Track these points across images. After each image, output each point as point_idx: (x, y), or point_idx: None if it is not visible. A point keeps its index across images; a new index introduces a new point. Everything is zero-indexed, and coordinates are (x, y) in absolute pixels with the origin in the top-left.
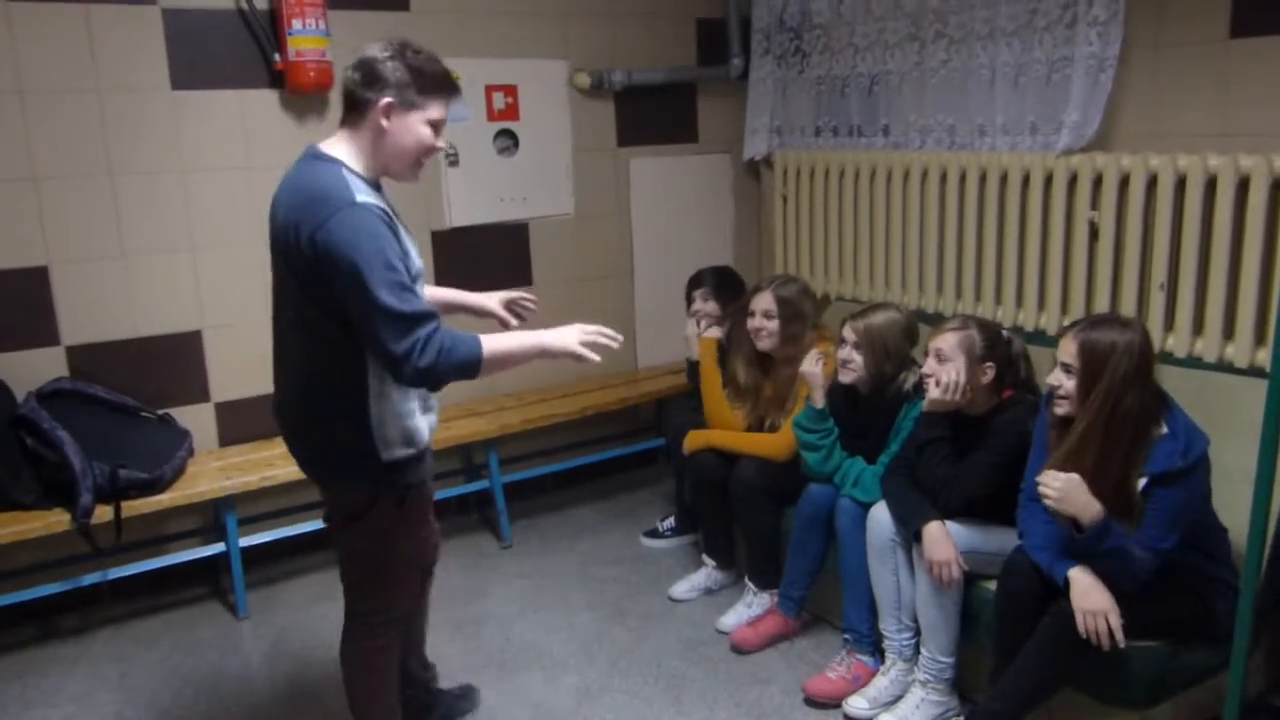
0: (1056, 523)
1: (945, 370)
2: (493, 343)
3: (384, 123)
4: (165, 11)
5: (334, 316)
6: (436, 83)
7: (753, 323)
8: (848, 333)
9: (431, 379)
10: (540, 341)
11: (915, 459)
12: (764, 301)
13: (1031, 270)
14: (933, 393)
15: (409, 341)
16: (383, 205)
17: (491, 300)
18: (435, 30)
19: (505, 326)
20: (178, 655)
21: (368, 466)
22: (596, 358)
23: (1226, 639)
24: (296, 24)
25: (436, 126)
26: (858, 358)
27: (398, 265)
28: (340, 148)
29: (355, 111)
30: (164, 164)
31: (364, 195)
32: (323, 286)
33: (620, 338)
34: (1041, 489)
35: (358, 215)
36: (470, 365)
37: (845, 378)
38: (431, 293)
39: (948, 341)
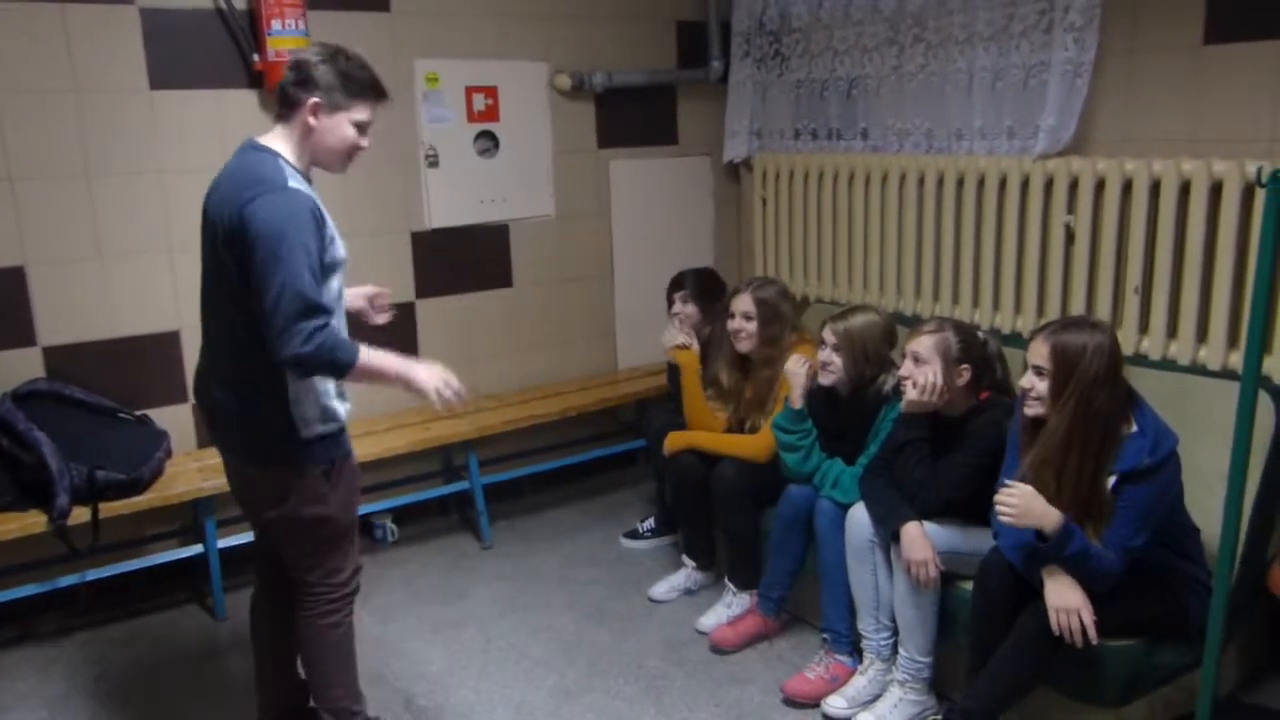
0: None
1: (922, 372)
2: (368, 355)
3: (312, 121)
4: (143, 11)
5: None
6: (362, 87)
7: (732, 324)
8: (827, 335)
9: (303, 365)
10: (408, 373)
11: (893, 460)
12: (743, 303)
13: (1008, 273)
14: (910, 395)
15: (300, 325)
16: (313, 196)
17: (357, 298)
18: (415, 31)
19: (369, 323)
20: (155, 657)
21: (288, 443)
22: (439, 406)
23: (1199, 637)
24: (276, 24)
25: (362, 128)
26: (837, 360)
27: (314, 252)
28: (276, 141)
29: (288, 108)
30: (142, 164)
31: (296, 183)
32: (248, 260)
33: (465, 401)
34: (998, 509)
35: (287, 197)
36: (341, 366)
37: (825, 380)
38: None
39: (924, 344)
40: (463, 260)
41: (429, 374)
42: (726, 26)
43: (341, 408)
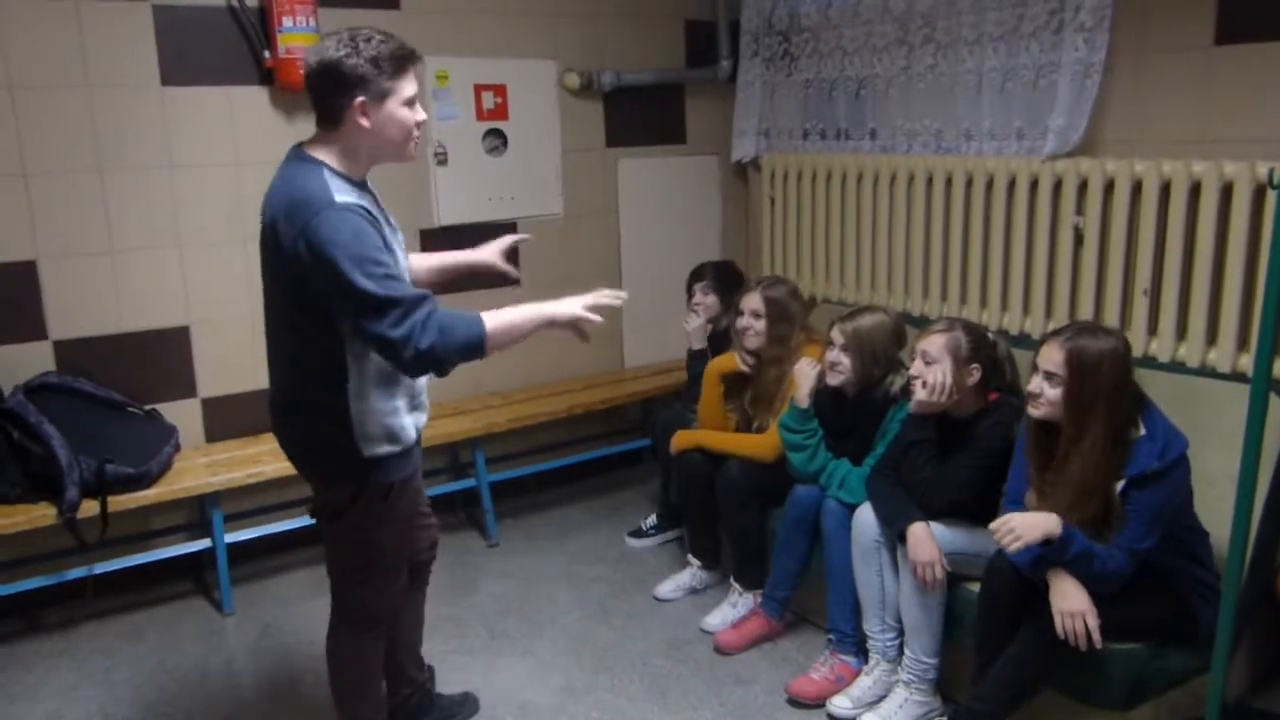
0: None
1: (931, 372)
2: (494, 318)
3: (365, 122)
4: (155, 8)
5: (313, 316)
6: (397, 62)
7: (741, 322)
8: (835, 335)
9: (435, 361)
10: (543, 312)
11: (900, 461)
12: (752, 301)
13: (1017, 274)
14: (919, 394)
15: (406, 326)
16: (364, 204)
17: (488, 253)
18: (425, 29)
19: (508, 280)
20: (162, 650)
21: (349, 463)
22: (599, 319)
23: (1207, 641)
24: (287, 21)
25: (412, 102)
26: (845, 360)
27: (382, 259)
28: (321, 149)
29: (330, 118)
30: (153, 160)
31: (343, 195)
32: (307, 288)
33: (625, 295)
34: (999, 539)
35: (337, 215)
36: (475, 343)
37: (833, 380)
38: (424, 260)
39: (934, 343)
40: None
41: (567, 304)
42: (735, 26)
43: (411, 421)
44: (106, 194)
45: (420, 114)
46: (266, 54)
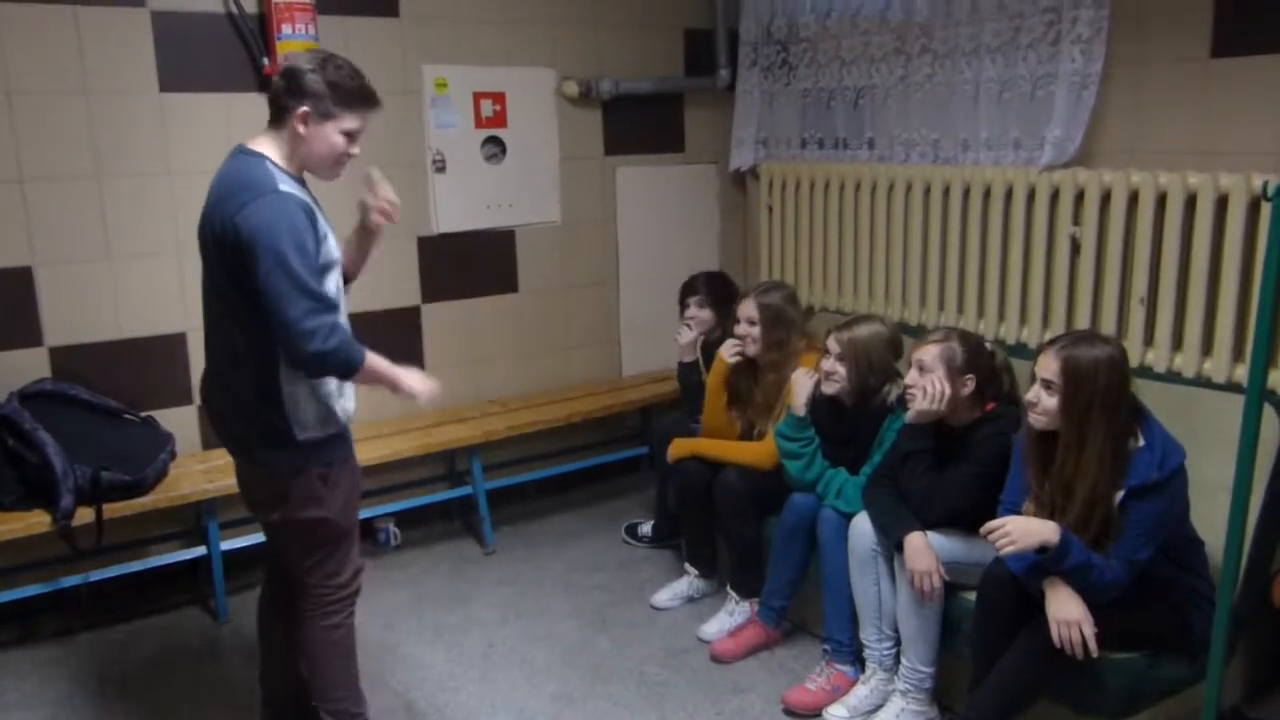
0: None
1: (927, 380)
2: (372, 358)
3: (301, 129)
4: (155, 14)
5: (249, 299)
6: (351, 97)
7: (738, 329)
8: (832, 344)
9: (326, 363)
10: (396, 375)
11: (897, 470)
12: (747, 309)
13: (1014, 284)
14: (918, 404)
15: (317, 322)
16: (303, 197)
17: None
18: (424, 37)
19: (387, 217)
20: (158, 659)
21: (285, 446)
22: (421, 402)
23: (1203, 650)
24: (286, 29)
25: (351, 135)
26: (841, 369)
27: (312, 251)
28: (266, 145)
29: (277, 116)
30: (151, 166)
31: (286, 185)
32: (241, 268)
33: (435, 402)
34: (993, 540)
35: (278, 200)
36: (354, 365)
37: (829, 389)
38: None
39: (929, 353)
40: (469, 265)
41: (417, 379)
42: (734, 35)
43: (344, 410)
44: (104, 200)
45: (355, 149)
46: (265, 61)
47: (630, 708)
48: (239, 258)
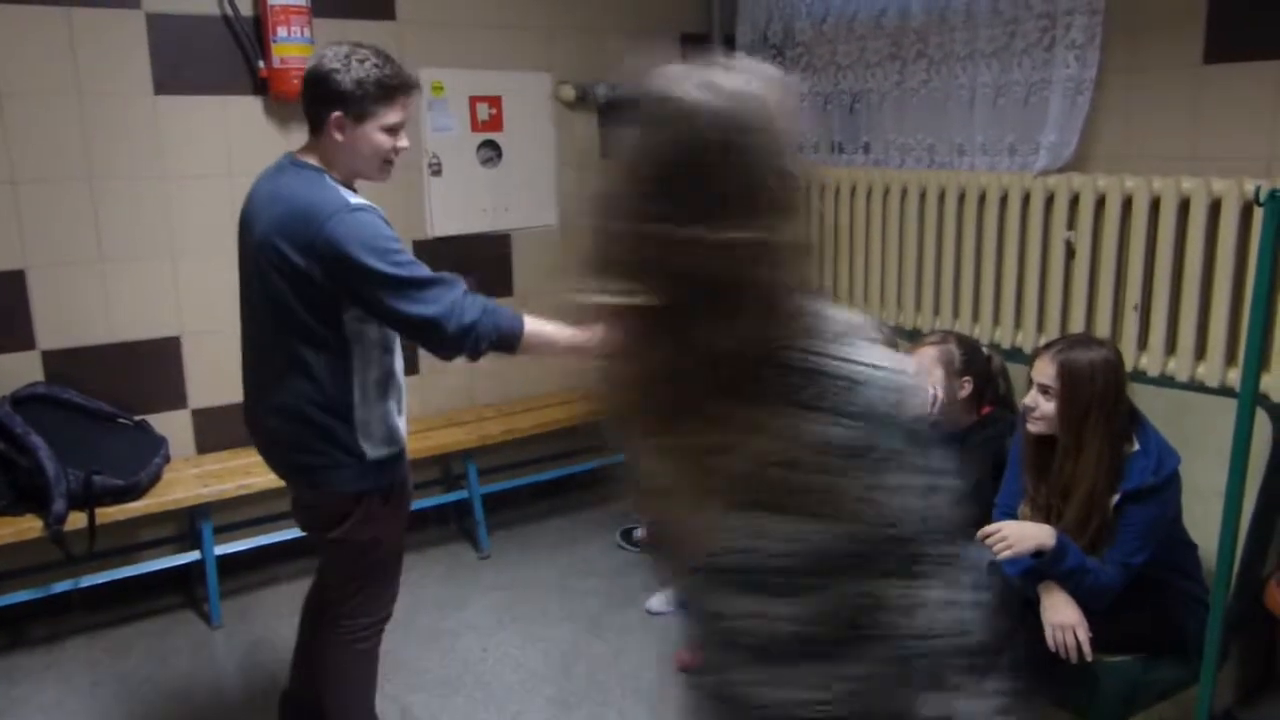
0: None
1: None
2: (533, 322)
3: (338, 136)
4: (149, 16)
5: (327, 323)
6: (384, 88)
7: None
8: None
9: (475, 338)
10: (578, 339)
11: None
12: None
13: (1009, 288)
14: None
15: (446, 303)
16: (374, 206)
17: None
18: (420, 40)
19: None
20: (150, 664)
21: (355, 465)
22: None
23: (1196, 654)
24: (281, 32)
25: (393, 130)
26: None
27: (402, 249)
28: (314, 156)
29: (314, 125)
30: (145, 169)
31: (354, 198)
32: (324, 290)
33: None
34: (990, 544)
35: (353, 216)
36: (513, 333)
37: None
38: None
39: (926, 355)
40: (465, 269)
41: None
42: (730, 40)
43: (402, 424)
44: (97, 203)
45: (402, 141)
46: (261, 64)
47: (625, 713)
48: (317, 282)
